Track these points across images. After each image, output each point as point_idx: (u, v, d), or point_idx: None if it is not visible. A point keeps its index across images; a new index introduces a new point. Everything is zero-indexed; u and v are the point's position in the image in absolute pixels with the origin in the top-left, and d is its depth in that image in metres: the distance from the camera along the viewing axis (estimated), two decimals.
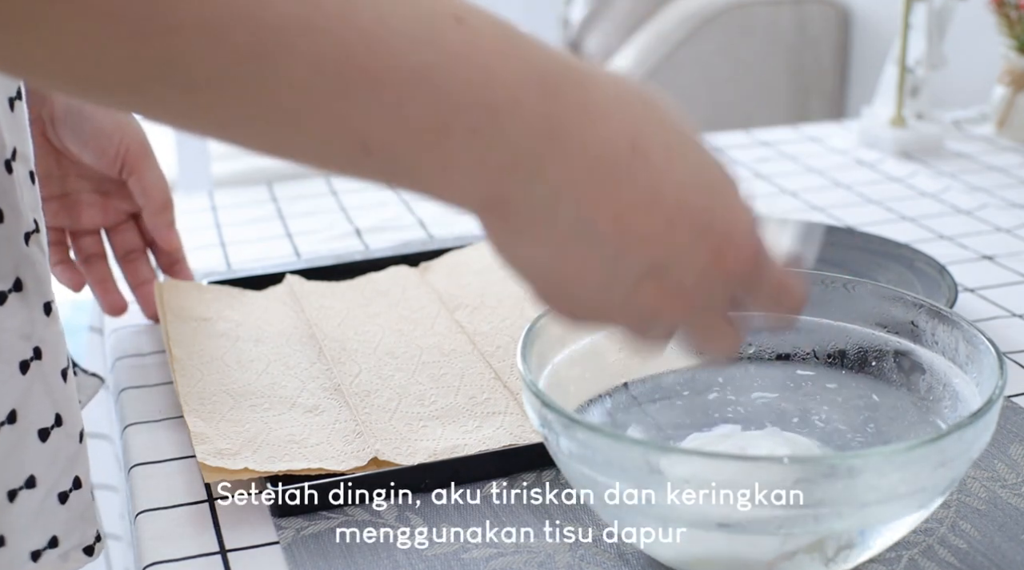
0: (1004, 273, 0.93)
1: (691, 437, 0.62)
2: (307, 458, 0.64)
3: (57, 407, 0.57)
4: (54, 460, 0.57)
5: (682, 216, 0.46)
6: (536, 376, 0.56)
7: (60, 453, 0.58)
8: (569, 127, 0.44)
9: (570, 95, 0.44)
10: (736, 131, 1.36)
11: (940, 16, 1.26)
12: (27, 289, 0.56)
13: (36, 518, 0.57)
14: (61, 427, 0.58)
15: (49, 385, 0.57)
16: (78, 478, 0.59)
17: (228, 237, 1.04)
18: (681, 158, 0.46)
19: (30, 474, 0.57)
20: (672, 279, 0.47)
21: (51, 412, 0.57)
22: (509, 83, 0.43)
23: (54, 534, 0.58)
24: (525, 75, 0.43)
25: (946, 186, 1.14)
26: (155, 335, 0.84)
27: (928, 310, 0.60)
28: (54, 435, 0.57)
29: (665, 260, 0.46)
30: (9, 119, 0.55)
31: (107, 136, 0.79)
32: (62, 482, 0.58)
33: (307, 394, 0.71)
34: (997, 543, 0.59)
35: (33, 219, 0.56)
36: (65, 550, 0.59)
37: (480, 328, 0.79)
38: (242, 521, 0.62)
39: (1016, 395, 0.73)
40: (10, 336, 0.55)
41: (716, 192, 0.47)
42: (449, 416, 0.69)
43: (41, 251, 0.57)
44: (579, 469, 0.52)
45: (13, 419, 0.55)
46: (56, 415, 0.57)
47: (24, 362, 0.56)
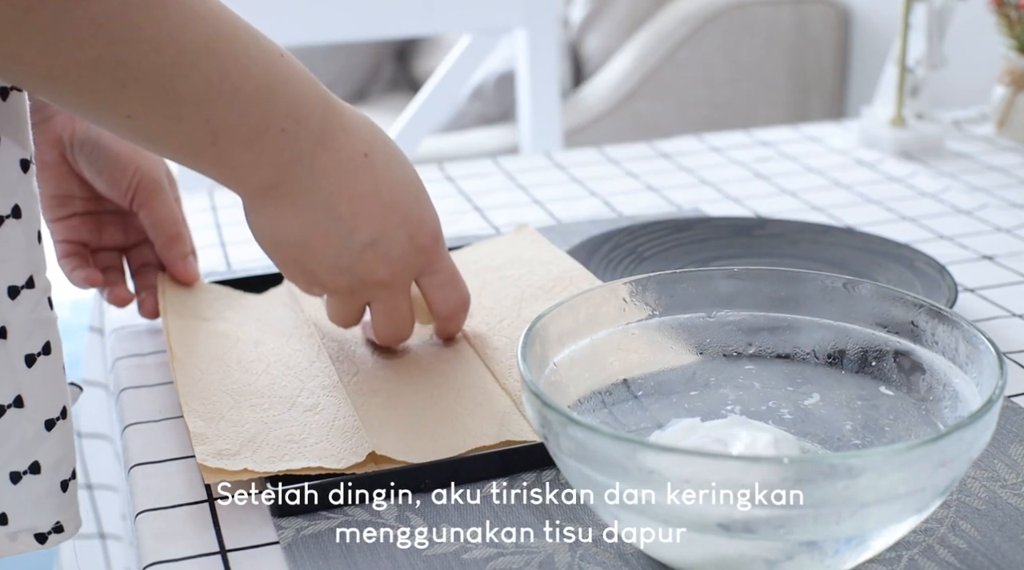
0: (1004, 273, 0.93)
1: (654, 434, 0.62)
2: (306, 457, 0.64)
3: (20, 389, 0.58)
4: (7, 439, 0.58)
5: (393, 206, 0.67)
6: (536, 376, 0.56)
7: (15, 433, 0.58)
8: (332, 136, 0.64)
9: (336, 116, 0.65)
10: (736, 131, 1.36)
11: (940, 16, 1.26)
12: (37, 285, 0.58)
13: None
14: (21, 409, 0.59)
15: (12, 366, 0.58)
16: (37, 463, 0.59)
17: (228, 237, 1.04)
18: (397, 169, 0.68)
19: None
20: (383, 249, 0.68)
21: (11, 392, 0.58)
22: (308, 102, 0.63)
23: (2, 511, 0.59)
24: (317, 98, 0.63)
25: (946, 186, 1.14)
26: (155, 335, 0.84)
27: (928, 310, 0.60)
28: (9, 414, 0.58)
29: (381, 236, 0.67)
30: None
31: (121, 168, 0.80)
32: (15, 463, 0.59)
33: (307, 393, 0.71)
34: (997, 543, 0.59)
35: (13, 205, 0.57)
36: (13, 530, 0.60)
37: (478, 329, 0.79)
38: (242, 521, 0.62)
39: (1016, 395, 0.73)
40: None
41: (415, 196, 0.69)
42: (448, 415, 0.69)
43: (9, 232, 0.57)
44: (579, 469, 0.52)
45: None
46: (17, 396, 0.58)
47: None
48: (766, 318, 0.65)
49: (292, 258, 0.68)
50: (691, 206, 1.09)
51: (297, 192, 0.64)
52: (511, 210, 1.09)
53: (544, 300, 0.80)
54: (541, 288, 0.82)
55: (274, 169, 0.63)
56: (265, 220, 0.66)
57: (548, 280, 0.83)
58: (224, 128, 0.59)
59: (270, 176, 0.63)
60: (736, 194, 1.13)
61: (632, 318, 0.64)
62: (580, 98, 2.57)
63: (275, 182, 0.64)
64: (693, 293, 0.65)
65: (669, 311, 0.65)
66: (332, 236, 0.66)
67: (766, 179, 1.18)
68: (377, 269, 0.68)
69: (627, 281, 0.64)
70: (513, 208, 1.10)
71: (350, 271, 0.68)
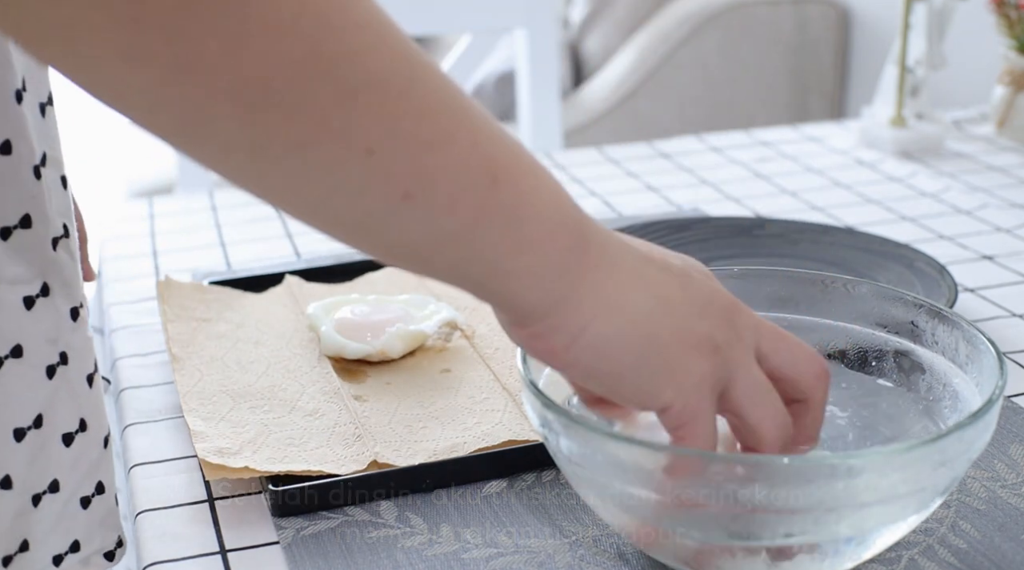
0: (1004, 273, 0.93)
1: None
2: (307, 461, 0.64)
3: (82, 412, 0.58)
4: (77, 465, 0.58)
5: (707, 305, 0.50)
6: (536, 376, 0.56)
7: (83, 458, 0.58)
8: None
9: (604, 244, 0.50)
10: (736, 131, 1.36)
11: (940, 16, 1.26)
12: (54, 293, 0.56)
13: (58, 522, 0.57)
14: (86, 432, 0.58)
15: (74, 390, 0.57)
16: (101, 483, 0.59)
17: (228, 237, 1.04)
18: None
19: (54, 478, 0.57)
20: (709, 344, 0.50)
21: (76, 417, 0.57)
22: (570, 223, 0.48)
23: (76, 538, 0.59)
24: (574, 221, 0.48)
25: (946, 186, 1.14)
26: (155, 335, 0.84)
27: (928, 310, 0.60)
28: (78, 440, 0.57)
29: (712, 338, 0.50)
30: (40, 125, 0.55)
31: None
32: (85, 487, 0.58)
33: (307, 397, 0.71)
34: (997, 543, 0.59)
35: (63, 224, 0.56)
36: (86, 555, 0.59)
37: (478, 329, 0.79)
38: (242, 521, 0.62)
39: (1016, 395, 0.73)
40: (37, 341, 0.55)
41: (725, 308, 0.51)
42: (448, 416, 0.69)
43: (70, 256, 0.57)
44: (579, 469, 0.52)
45: (39, 424, 0.56)
46: (81, 420, 0.58)
47: (51, 367, 0.56)
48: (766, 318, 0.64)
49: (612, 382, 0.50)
50: (691, 206, 1.09)
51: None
52: None
53: None
54: None
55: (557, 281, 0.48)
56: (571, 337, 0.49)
57: None
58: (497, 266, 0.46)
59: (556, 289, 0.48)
60: (736, 194, 1.13)
61: None
62: (580, 98, 2.57)
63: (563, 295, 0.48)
64: None
65: None
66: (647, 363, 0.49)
67: (766, 179, 1.18)
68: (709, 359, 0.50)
69: None
70: None
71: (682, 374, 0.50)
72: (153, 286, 0.90)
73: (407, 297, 0.82)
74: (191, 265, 0.98)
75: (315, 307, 0.79)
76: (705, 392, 0.49)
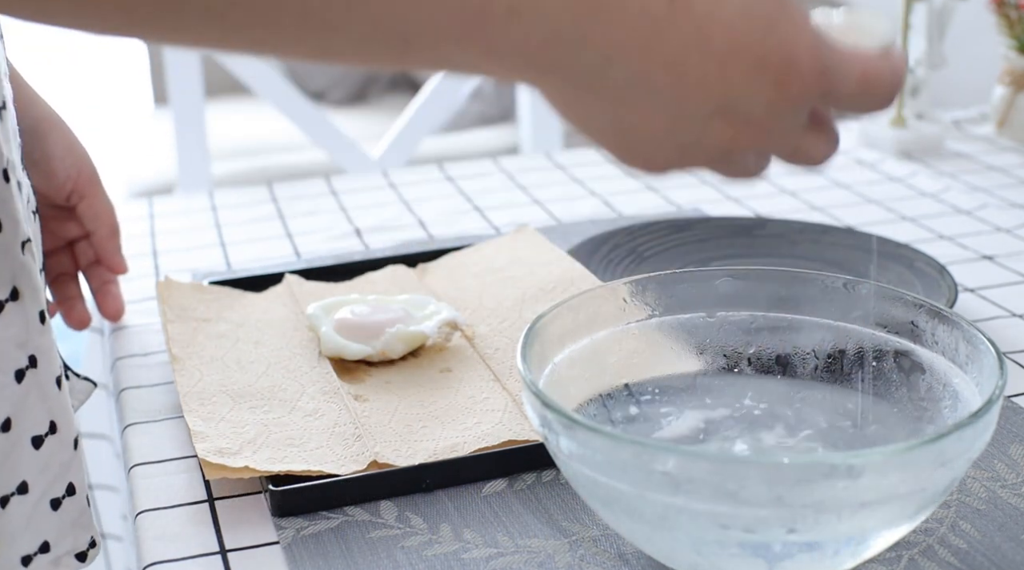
0: (1004, 273, 0.93)
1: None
2: (307, 461, 0.64)
3: (52, 414, 0.57)
4: (47, 467, 0.57)
5: (734, 55, 0.45)
6: (536, 376, 0.56)
7: (53, 460, 0.58)
8: None
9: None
10: None
11: (940, 16, 1.26)
12: (23, 297, 0.56)
13: (27, 524, 0.57)
14: (55, 434, 0.58)
15: (44, 393, 0.57)
16: (72, 484, 0.59)
17: (228, 237, 1.04)
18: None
19: (22, 480, 0.56)
20: (739, 114, 0.47)
21: (46, 420, 0.57)
22: None
23: (45, 539, 0.58)
24: None
25: (946, 186, 1.14)
26: (155, 335, 0.84)
27: (928, 310, 0.60)
28: (48, 442, 0.57)
29: (726, 99, 0.46)
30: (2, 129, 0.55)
31: (58, 159, 0.79)
32: (55, 488, 0.58)
33: (307, 398, 0.71)
34: (997, 543, 0.59)
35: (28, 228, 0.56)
36: (57, 555, 0.59)
37: (479, 330, 0.79)
38: (242, 521, 0.62)
39: (1016, 395, 0.73)
40: (6, 345, 0.55)
41: (769, 24, 0.46)
42: (448, 415, 0.69)
43: (34, 259, 0.57)
44: (579, 469, 0.52)
45: (7, 427, 0.55)
46: (51, 423, 0.57)
47: (19, 371, 0.56)
48: (766, 318, 0.65)
49: (621, 149, 0.49)
50: (691, 206, 1.09)
51: (582, 74, 0.46)
52: (511, 210, 1.09)
53: (545, 301, 0.80)
54: (542, 289, 0.82)
55: (524, 59, 0.45)
56: (565, 107, 0.49)
57: (549, 281, 0.83)
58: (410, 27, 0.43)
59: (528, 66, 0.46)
60: (736, 194, 1.13)
61: (632, 318, 0.64)
62: None
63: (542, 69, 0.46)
64: (693, 293, 0.65)
65: (669, 311, 0.65)
66: (655, 114, 0.47)
67: (766, 179, 1.18)
68: (736, 138, 0.48)
69: (627, 281, 0.64)
70: (513, 208, 1.10)
71: (700, 148, 0.49)
72: (153, 286, 0.90)
73: (407, 297, 0.82)
74: (191, 265, 0.98)
75: (315, 307, 0.79)
76: None
